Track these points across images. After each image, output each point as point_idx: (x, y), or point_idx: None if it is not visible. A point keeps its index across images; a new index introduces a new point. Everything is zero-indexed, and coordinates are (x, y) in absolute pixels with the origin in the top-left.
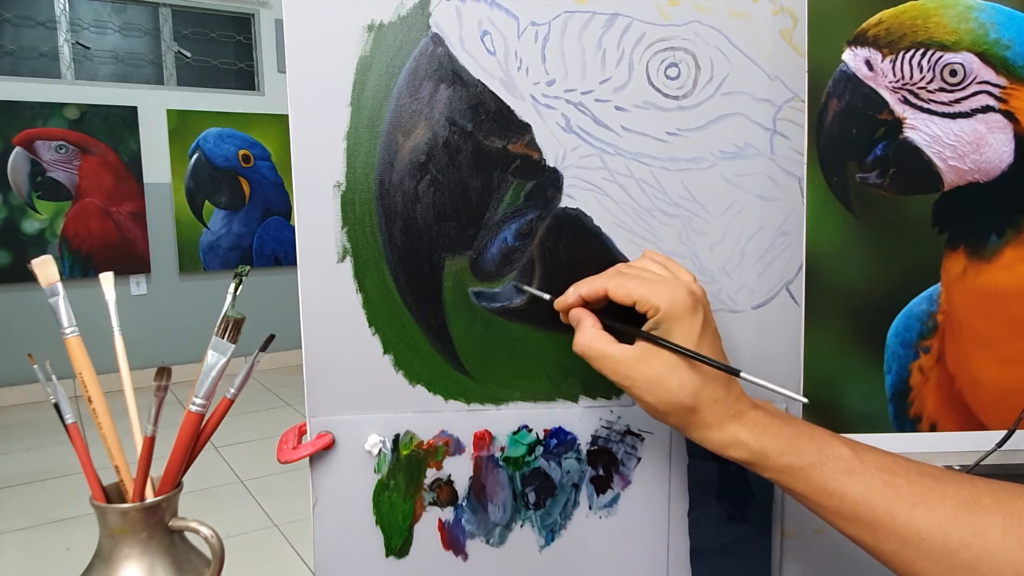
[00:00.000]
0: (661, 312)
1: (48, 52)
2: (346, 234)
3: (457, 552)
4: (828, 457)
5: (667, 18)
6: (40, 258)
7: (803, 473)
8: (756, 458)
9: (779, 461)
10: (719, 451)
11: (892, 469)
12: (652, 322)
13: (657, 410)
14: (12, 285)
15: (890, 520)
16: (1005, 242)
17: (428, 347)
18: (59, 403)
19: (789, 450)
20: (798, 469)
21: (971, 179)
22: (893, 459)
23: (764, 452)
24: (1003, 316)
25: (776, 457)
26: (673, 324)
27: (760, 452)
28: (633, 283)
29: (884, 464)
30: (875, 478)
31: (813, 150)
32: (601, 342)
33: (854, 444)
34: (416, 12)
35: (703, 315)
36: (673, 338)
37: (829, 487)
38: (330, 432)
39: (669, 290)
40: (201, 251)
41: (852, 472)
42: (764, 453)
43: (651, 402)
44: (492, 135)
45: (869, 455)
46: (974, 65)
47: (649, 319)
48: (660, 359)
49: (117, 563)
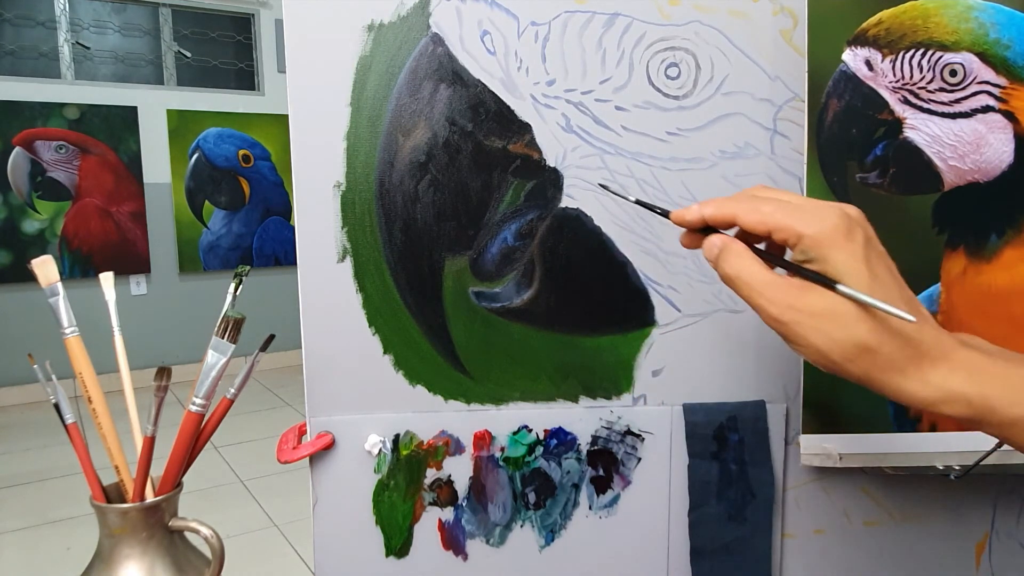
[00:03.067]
0: (805, 239)
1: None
2: (346, 234)
3: (457, 552)
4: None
5: (667, 18)
6: (40, 258)
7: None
8: (978, 414)
9: (1008, 413)
10: (927, 408)
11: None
12: (798, 253)
13: (828, 355)
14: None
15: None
16: (1005, 242)
17: (428, 347)
18: (59, 403)
19: (1020, 398)
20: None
21: (971, 179)
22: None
23: (989, 404)
24: (1003, 316)
25: (1006, 409)
26: (827, 252)
27: (984, 405)
28: (769, 207)
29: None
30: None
31: (813, 150)
32: (757, 266)
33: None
34: (416, 12)
35: (863, 238)
36: (830, 269)
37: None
38: (330, 432)
39: (815, 213)
40: (201, 251)
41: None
42: (989, 406)
43: (819, 344)
44: (492, 135)
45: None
46: (974, 65)
47: (793, 251)
48: (829, 291)
49: (117, 563)
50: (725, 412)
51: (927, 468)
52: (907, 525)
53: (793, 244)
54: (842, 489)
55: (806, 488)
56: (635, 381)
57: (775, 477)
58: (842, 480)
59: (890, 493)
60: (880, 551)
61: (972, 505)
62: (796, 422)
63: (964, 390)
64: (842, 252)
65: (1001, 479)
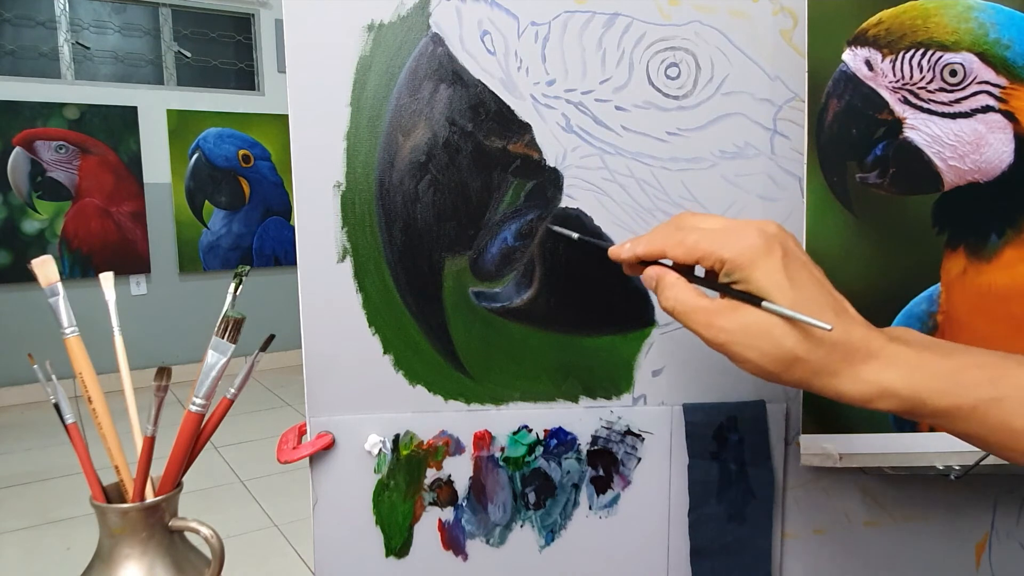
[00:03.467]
0: (728, 262)
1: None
2: (346, 234)
3: (457, 552)
4: (1005, 389)
5: (667, 18)
6: (40, 258)
7: (975, 414)
8: (911, 406)
9: (940, 404)
10: (862, 405)
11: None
12: (723, 276)
13: (765, 368)
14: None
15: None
16: (1005, 242)
17: (428, 347)
18: (59, 403)
19: (951, 389)
20: (968, 410)
21: (971, 179)
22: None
23: (919, 397)
24: (1003, 316)
25: (936, 400)
26: (749, 272)
27: (914, 398)
28: (693, 236)
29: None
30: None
31: (813, 150)
32: (691, 294)
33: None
34: (416, 12)
35: (782, 251)
36: (753, 287)
37: (1013, 425)
38: (330, 432)
39: (734, 236)
40: (201, 251)
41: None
42: (919, 399)
43: (755, 359)
44: (492, 135)
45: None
46: (974, 65)
47: (720, 274)
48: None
49: (117, 563)
50: (725, 412)
51: (927, 468)
52: (907, 525)
53: (719, 268)
54: (842, 489)
55: (806, 488)
56: (635, 381)
57: (775, 477)
58: (842, 480)
59: (890, 493)
60: (880, 551)
61: (972, 505)
62: (796, 422)
63: (894, 385)
64: (762, 269)
65: (1001, 479)
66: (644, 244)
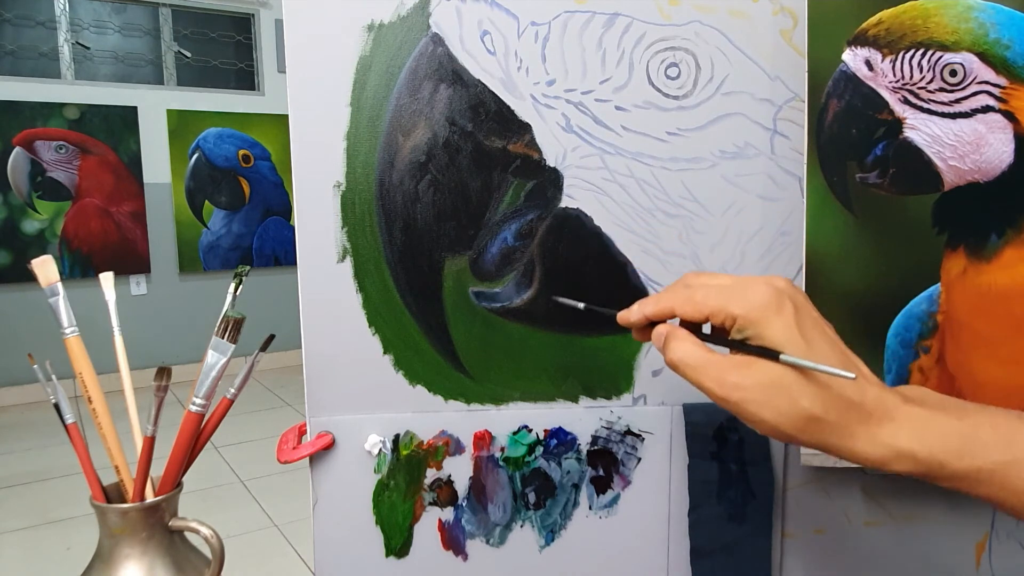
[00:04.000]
0: (739, 319)
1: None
2: (346, 234)
3: (457, 552)
4: (1022, 451)
5: (667, 18)
6: (40, 258)
7: (994, 477)
8: (928, 469)
9: (957, 467)
10: (878, 467)
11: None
12: (735, 332)
13: (780, 428)
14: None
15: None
16: (1005, 242)
17: (428, 347)
18: (59, 403)
19: (967, 450)
20: (987, 473)
21: (971, 179)
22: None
23: (936, 460)
24: (1003, 316)
25: (954, 462)
26: (761, 329)
27: (931, 461)
28: (701, 294)
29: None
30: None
31: (813, 150)
32: (702, 349)
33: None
34: (416, 12)
35: (793, 307)
36: (766, 344)
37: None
38: (330, 432)
39: (744, 292)
40: (201, 251)
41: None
42: (937, 461)
43: (770, 419)
44: (492, 135)
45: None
46: (974, 65)
47: (730, 331)
48: (772, 363)
49: (117, 563)
50: (725, 412)
51: None
52: (907, 525)
53: (729, 325)
54: (842, 489)
55: (806, 488)
56: (635, 381)
57: (775, 477)
58: (842, 480)
59: (890, 493)
60: (880, 551)
61: (972, 505)
62: None
63: (911, 447)
64: (774, 326)
65: None
66: (652, 304)
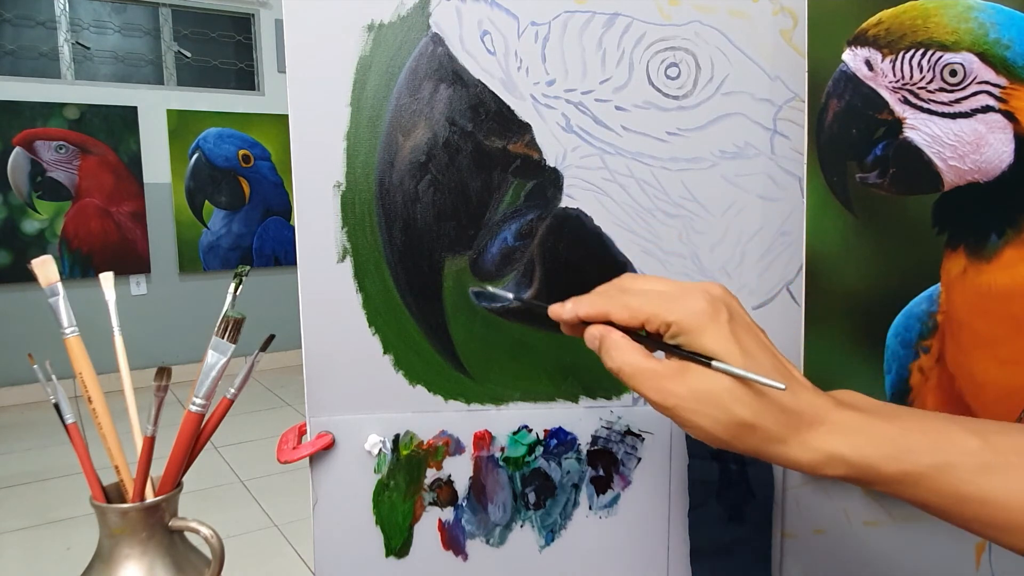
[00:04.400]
0: (673, 326)
1: (48, 52)
2: (346, 234)
3: (457, 552)
4: (951, 455)
5: (667, 18)
6: (40, 258)
7: (924, 481)
8: (860, 473)
9: (888, 471)
10: (812, 472)
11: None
12: (669, 339)
13: (715, 435)
14: (12, 285)
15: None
16: (1005, 242)
17: (428, 347)
18: (59, 403)
19: (898, 454)
20: (916, 476)
21: (971, 179)
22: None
23: (868, 463)
24: (1003, 316)
25: (884, 466)
26: (695, 336)
27: (863, 465)
28: (637, 300)
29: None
30: (1020, 469)
31: (813, 150)
32: (638, 356)
33: (980, 428)
34: (416, 12)
35: (728, 314)
36: (701, 352)
37: (962, 492)
38: (330, 432)
39: (679, 300)
40: (201, 251)
41: (989, 469)
42: (868, 464)
43: (705, 426)
44: (492, 135)
45: (1002, 438)
46: (974, 65)
47: (665, 338)
48: (706, 370)
49: (117, 563)
50: None
51: None
52: (907, 525)
53: (664, 332)
54: (842, 489)
55: (806, 488)
56: None
57: (775, 477)
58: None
59: None
60: (880, 551)
61: None
62: None
63: (842, 451)
64: (709, 333)
65: None
66: (587, 305)
